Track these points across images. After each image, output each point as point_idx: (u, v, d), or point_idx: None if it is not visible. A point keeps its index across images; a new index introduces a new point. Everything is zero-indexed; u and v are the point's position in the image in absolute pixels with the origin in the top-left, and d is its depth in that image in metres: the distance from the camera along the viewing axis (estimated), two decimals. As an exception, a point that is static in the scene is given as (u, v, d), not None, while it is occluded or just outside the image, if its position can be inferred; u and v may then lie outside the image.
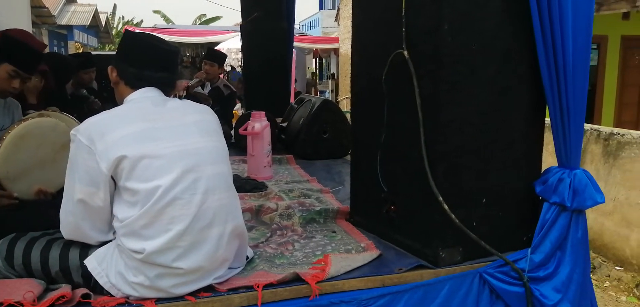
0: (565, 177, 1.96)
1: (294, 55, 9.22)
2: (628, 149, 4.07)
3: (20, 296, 1.50)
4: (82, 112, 4.04)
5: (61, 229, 1.66)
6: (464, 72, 1.88)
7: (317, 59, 23.00)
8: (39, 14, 13.96)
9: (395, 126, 2.10)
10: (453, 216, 1.86)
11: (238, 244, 1.80)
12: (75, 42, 19.08)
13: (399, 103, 2.04)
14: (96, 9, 20.06)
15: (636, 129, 7.23)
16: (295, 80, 13.67)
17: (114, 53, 2.22)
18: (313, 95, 7.92)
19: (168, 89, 1.82)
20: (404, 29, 1.95)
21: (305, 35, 20.02)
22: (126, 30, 2.16)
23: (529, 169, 2.09)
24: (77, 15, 18.76)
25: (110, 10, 27.34)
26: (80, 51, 15.86)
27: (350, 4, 2.48)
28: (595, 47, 9.02)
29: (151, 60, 1.77)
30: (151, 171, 1.57)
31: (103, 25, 21.96)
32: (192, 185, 1.62)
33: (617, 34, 8.85)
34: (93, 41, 22.02)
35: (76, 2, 19.75)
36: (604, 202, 1.99)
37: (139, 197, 1.56)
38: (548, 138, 2.06)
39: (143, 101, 1.72)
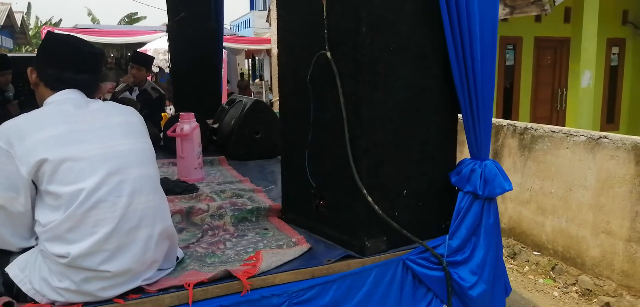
0: (477, 168, 2.12)
1: (225, 56, 9.13)
2: (541, 142, 4.39)
3: None
4: (-2, 117, 3.82)
5: None
6: (383, 72, 1.99)
7: (250, 59, 22.83)
8: (-55, 12, 12.92)
9: (321, 124, 2.18)
10: (376, 207, 1.97)
11: (167, 246, 1.80)
12: (-12, 43, 17.82)
13: (324, 102, 2.13)
14: (10, 8, 18.81)
15: (550, 124, 7.81)
16: (228, 82, 13.52)
17: (32, 54, 2.14)
18: (246, 96, 7.88)
19: (90, 91, 1.80)
20: (326, 31, 2.04)
21: (237, 35, 19.83)
22: (48, 31, 2.09)
23: (444, 162, 2.25)
24: (-12, 15, 17.53)
25: (25, 9, 25.78)
26: (-6, 53, 14.80)
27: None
28: (512, 47, 9.62)
29: (72, 62, 1.74)
30: (74, 173, 1.55)
31: (19, 25, 20.61)
32: (117, 187, 1.61)
33: (531, 35, 9.47)
34: (8, 42, 20.60)
35: (-13, 0, 18.46)
36: (511, 189, 2.17)
37: (62, 201, 1.53)
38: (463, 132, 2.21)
39: (64, 103, 1.69)
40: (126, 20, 27.65)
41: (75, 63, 1.75)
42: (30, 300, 1.58)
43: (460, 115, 2.18)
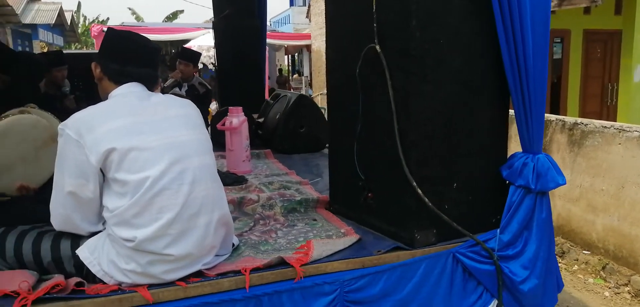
0: (529, 162, 2.09)
1: (266, 53, 9.24)
2: (591, 138, 4.26)
3: (15, 286, 1.54)
4: (56, 110, 4.01)
5: (52, 220, 1.71)
6: (432, 65, 1.99)
7: (289, 55, 22.99)
8: (2, 12, 13.60)
9: (370, 117, 2.20)
10: (426, 200, 1.98)
11: (224, 232, 1.87)
12: (40, 41, 18.56)
13: (373, 95, 2.15)
14: (61, 7, 19.58)
15: (600, 119, 7.54)
16: (269, 77, 13.68)
17: (83, 51, 2.25)
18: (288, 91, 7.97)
19: (151, 85, 1.89)
20: (375, 25, 2.05)
21: (277, 31, 20.00)
22: (109, 28, 2.22)
23: (495, 155, 2.22)
24: (41, 14, 18.25)
25: (74, 8, 26.80)
26: (46, 50, 15.47)
27: (321, 0, 2.55)
28: (559, 41, 9.33)
29: (134, 57, 1.83)
30: (140, 162, 1.64)
31: (69, 23, 21.45)
32: (179, 176, 1.69)
33: (580, 28, 9.16)
34: (59, 40, 21.48)
35: (40, 0, 19.23)
36: (565, 183, 2.13)
37: (129, 188, 1.62)
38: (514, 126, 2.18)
39: (128, 96, 1.78)
40: (170, 17, 28.38)
41: (137, 58, 1.84)
42: (98, 281, 1.68)
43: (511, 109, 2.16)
